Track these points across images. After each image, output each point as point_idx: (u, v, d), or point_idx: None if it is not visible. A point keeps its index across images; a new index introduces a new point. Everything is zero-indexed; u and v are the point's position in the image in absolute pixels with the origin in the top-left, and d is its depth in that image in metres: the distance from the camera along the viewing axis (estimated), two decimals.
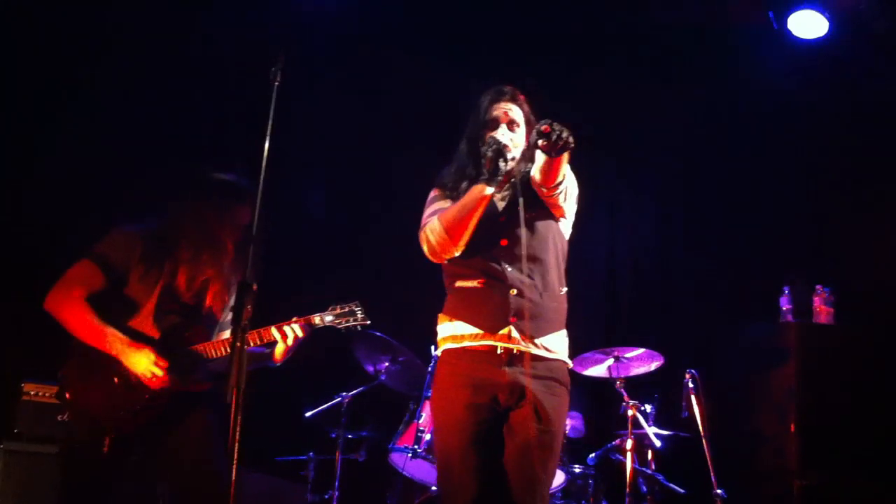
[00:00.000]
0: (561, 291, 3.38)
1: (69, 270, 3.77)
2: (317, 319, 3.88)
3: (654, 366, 5.51)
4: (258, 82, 3.11)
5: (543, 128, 2.97)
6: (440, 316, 3.43)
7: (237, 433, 2.65)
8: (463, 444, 3.22)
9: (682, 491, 5.36)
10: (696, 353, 6.32)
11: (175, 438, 3.72)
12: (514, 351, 3.22)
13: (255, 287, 2.86)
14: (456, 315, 3.36)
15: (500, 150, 3.21)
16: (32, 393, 4.71)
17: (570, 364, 3.38)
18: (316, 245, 6.32)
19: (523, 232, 3.25)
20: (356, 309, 3.93)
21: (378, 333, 5.14)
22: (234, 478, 2.67)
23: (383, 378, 5.45)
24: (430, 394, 5.14)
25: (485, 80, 3.61)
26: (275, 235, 3.64)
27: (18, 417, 4.69)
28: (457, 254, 3.31)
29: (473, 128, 3.46)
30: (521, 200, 3.26)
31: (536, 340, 3.26)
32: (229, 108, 6.04)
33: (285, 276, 5.55)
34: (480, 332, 3.27)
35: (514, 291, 3.25)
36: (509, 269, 3.25)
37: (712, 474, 4.94)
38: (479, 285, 3.31)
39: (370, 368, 5.50)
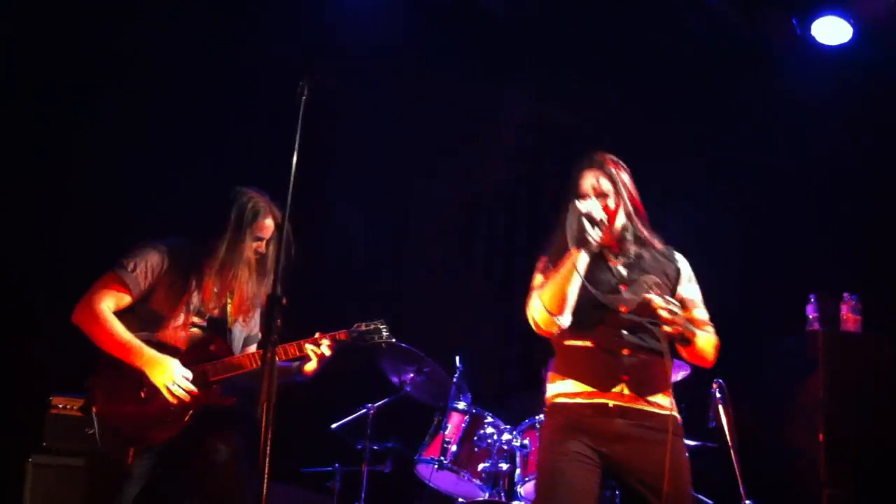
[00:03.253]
0: (666, 357, 3.46)
1: (96, 283, 3.80)
2: (342, 336, 3.90)
3: (680, 375, 5.46)
4: (291, 98, 3.12)
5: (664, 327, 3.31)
6: (550, 375, 3.55)
7: (268, 448, 2.65)
8: (563, 494, 3.30)
9: (709, 502, 5.31)
10: (724, 363, 6.26)
11: (201, 459, 3.75)
12: (626, 406, 3.36)
13: (284, 301, 2.86)
14: (568, 374, 3.47)
15: (585, 220, 3.28)
16: (61, 406, 4.73)
17: (680, 419, 3.51)
18: (338, 255, 6.31)
19: (641, 302, 3.38)
20: (381, 327, 3.96)
21: (403, 344, 5.11)
22: (265, 493, 2.67)
23: (408, 389, 5.43)
24: (455, 405, 5.13)
25: (521, 97, 3.59)
26: (298, 248, 3.65)
27: (47, 431, 4.72)
28: (565, 324, 3.38)
29: (569, 199, 3.51)
30: (644, 277, 3.44)
31: (647, 398, 3.40)
32: (259, 124, 6.06)
33: (307, 289, 5.55)
34: (593, 389, 3.39)
35: (628, 352, 3.38)
36: (625, 332, 3.38)
37: (741, 485, 4.89)
38: (591, 345, 3.42)
39: (395, 379, 5.49)
